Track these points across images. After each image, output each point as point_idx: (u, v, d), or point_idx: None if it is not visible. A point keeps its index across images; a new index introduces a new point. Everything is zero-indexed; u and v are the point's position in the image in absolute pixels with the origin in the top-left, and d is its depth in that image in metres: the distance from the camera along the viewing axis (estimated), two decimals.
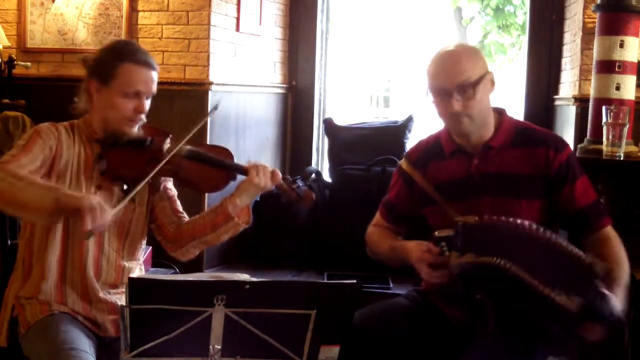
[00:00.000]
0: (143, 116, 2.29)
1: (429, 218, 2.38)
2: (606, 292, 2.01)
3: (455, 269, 2.09)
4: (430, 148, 2.40)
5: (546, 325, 2.04)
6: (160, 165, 2.22)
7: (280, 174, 2.34)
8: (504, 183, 2.27)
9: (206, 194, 3.53)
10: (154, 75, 2.30)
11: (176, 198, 2.44)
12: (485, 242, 2.09)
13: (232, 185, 2.36)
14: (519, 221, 2.10)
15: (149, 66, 2.29)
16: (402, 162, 2.44)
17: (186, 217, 2.42)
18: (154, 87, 2.30)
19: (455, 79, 2.21)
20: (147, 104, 2.30)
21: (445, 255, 2.12)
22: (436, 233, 2.16)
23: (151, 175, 2.20)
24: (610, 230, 2.30)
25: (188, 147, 2.31)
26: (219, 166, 2.34)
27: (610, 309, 1.99)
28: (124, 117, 2.26)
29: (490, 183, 2.28)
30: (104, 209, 2.01)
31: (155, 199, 2.40)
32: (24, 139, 2.23)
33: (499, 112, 2.35)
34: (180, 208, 2.43)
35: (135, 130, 2.30)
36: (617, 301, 2.04)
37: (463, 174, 2.31)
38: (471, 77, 2.21)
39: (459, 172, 2.32)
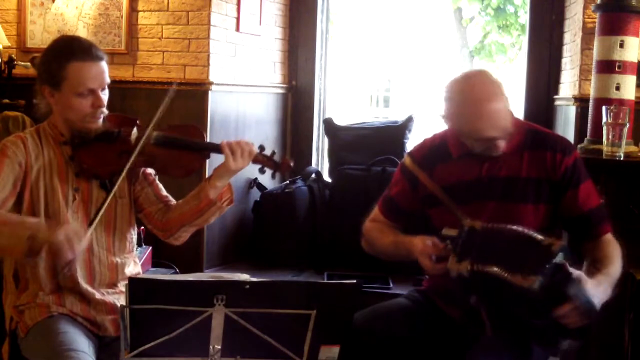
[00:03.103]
0: (104, 109, 2.25)
1: (433, 219, 2.36)
2: (571, 271, 2.01)
3: (453, 274, 2.10)
4: (436, 149, 2.38)
5: (529, 318, 2.05)
6: (133, 157, 2.19)
7: (254, 149, 2.30)
8: (512, 187, 2.26)
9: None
10: (103, 66, 2.25)
11: (158, 182, 2.41)
12: (485, 249, 2.08)
13: (210, 163, 2.33)
14: (521, 228, 2.10)
15: (95, 59, 2.23)
16: (407, 160, 2.41)
17: (172, 201, 2.39)
18: (107, 79, 2.25)
19: (499, 127, 2.20)
20: (105, 95, 2.25)
21: (449, 248, 2.12)
22: (443, 231, 2.16)
23: (126, 169, 2.18)
24: (610, 237, 2.29)
25: (156, 133, 2.27)
26: (192, 148, 2.30)
27: (577, 288, 1.99)
28: (84, 116, 2.23)
29: (497, 187, 2.27)
30: (79, 236, 2.03)
31: (137, 188, 2.37)
32: None
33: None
34: (164, 192, 2.41)
35: (100, 124, 2.26)
36: (592, 286, 2.04)
37: (472, 177, 2.29)
38: (507, 115, 2.21)
39: (468, 175, 2.30)
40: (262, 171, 2.37)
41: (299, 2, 4.47)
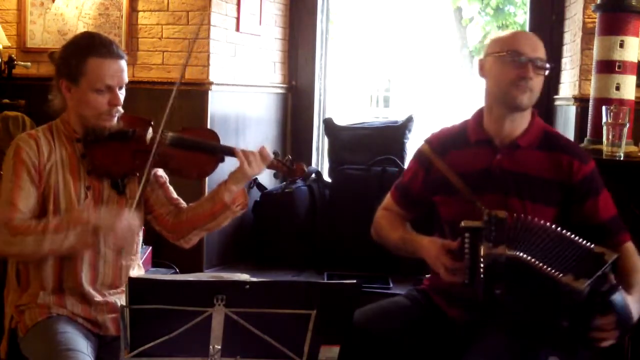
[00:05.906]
0: (119, 107, 2.25)
1: (439, 207, 2.35)
2: (616, 282, 2.01)
3: (486, 260, 2.05)
4: (454, 136, 2.37)
5: (557, 320, 2.03)
6: (151, 158, 2.19)
7: (269, 154, 2.32)
8: (523, 184, 2.25)
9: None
10: (123, 65, 2.24)
11: (169, 185, 2.41)
12: (519, 239, 2.07)
13: (221, 167, 2.33)
14: (547, 223, 2.09)
15: (116, 56, 2.22)
16: (423, 146, 2.39)
17: (182, 203, 2.39)
18: (125, 77, 2.25)
19: (539, 52, 2.26)
20: (122, 94, 2.25)
21: (466, 252, 2.09)
22: (462, 223, 2.12)
23: (147, 171, 2.19)
24: (630, 245, 2.28)
25: (171, 134, 2.28)
26: (206, 150, 2.31)
27: (621, 302, 1.99)
28: (100, 113, 2.22)
29: (509, 181, 2.25)
30: (134, 221, 2.14)
31: (148, 190, 2.36)
32: (8, 170, 2.20)
33: (532, 113, 2.33)
34: (175, 195, 2.41)
35: (115, 122, 2.26)
36: (631, 301, 2.05)
37: (483, 166, 2.28)
38: (546, 60, 2.26)
39: (480, 163, 2.28)
40: (277, 176, 2.40)
41: (299, 2, 4.48)
